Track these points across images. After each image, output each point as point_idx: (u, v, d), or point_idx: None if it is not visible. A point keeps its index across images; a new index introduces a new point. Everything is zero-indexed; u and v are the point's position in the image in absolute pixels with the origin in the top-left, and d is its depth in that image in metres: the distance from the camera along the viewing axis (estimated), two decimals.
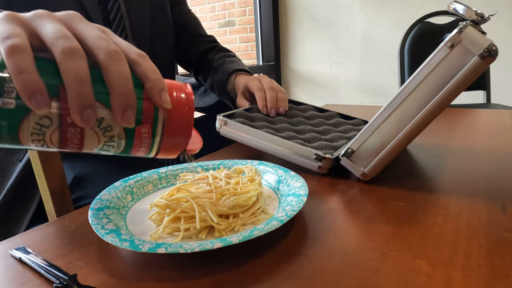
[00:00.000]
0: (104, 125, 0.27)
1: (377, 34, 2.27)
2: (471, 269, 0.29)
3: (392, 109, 0.46)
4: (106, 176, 0.66)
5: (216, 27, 3.21)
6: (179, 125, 0.29)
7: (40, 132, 0.26)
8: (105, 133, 0.28)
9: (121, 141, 0.29)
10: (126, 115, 0.26)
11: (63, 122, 0.26)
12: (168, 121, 0.29)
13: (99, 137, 0.28)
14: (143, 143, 0.29)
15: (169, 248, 0.31)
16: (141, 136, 0.29)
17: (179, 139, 0.30)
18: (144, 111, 0.28)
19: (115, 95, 0.26)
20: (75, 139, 0.27)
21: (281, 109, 0.70)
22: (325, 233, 0.36)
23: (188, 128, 0.30)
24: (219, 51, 0.93)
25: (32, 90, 0.24)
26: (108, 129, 0.28)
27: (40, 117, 0.25)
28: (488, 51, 0.40)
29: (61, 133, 0.26)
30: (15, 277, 0.32)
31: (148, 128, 0.28)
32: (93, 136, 0.28)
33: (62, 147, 0.28)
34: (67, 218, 0.43)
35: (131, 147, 0.29)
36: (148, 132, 0.29)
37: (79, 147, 0.28)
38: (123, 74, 0.26)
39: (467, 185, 0.46)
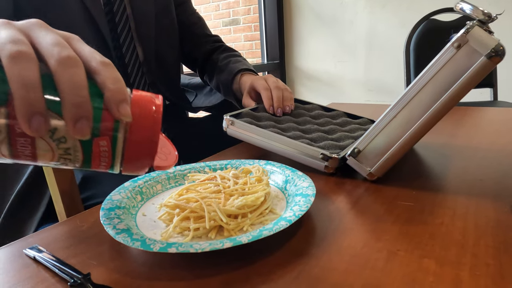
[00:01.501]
0: (58, 136, 0.26)
1: (382, 31, 2.26)
2: (479, 268, 0.30)
3: (399, 109, 0.46)
4: (113, 176, 0.66)
5: (221, 25, 3.22)
6: (142, 140, 0.27)
7: None
8: (59, 145, 0.26)
9: (77, 154, 0.27)
10: (78, 126, 0.25)
11: (11, 132, 0.25)
12: (130, 135, 0.27)
13: (53, 149, 0.26)
14: (102, 158, 0.27)
15: (180, 248, 0.31)
16: (100, 150, 0.27)
17: (143, 154, 0.28)
18: (102, 123, 0.26)
19: (66, 104, 0.25)
20: (26, 150, 0.25)
21: (287, 109, 0.70)
22: (332, 233, 0.37)
23: (152, 143, 0.28)
24: (224, 51, 0.93)
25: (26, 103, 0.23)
26: (62, 140, 0.26)
27: None
28: (495, 51, 0.40)
29: (11, 143, 0.25)
30: (30, 276, 0.33)
31: (107, 141, 0.26)
32: (46, 148, 0.26)
33: (15, 158, 0.26)
34: (78, 218, 0.43)
35: (90, 162, 0.27)
36: (107, 145, 0.27)
37: (33, 159, 0.26)
38: (75, 82, 0.25)
39: (474, 184, 0.47)
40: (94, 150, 0.27)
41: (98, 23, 0.69)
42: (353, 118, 0.73)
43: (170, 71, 0.88)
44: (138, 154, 0.28)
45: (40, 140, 0.25)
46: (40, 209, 0.64)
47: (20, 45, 0.24)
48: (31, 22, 0.27)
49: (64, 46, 0.25)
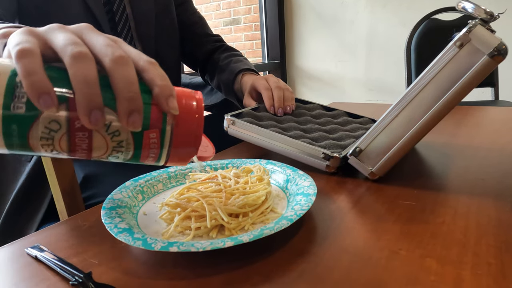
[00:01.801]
0: (112, 130, 0.28)
1: (383, 31, 2.25)
2: (480, 268, 0.29)
3: (401, 108, 0.46)
4: (115, 175, 0.66)
5: (221, 25, 3.22)
6: (188, 131, 0.29)
7: (49, 137, 0.27)
8: (113, 138, 0.28)
9: (129, 146, 0.29)
10: (131, 119, 0.27)
11: (71, 127, 0.27)
12: (177, 127, 0.29)
13: (107, 142, 0.28)
14: (151, 149, 0.29)
15: (181, 247, 0.31)
16: (150, 142, 0.29)
17: (188, 145, 0.30)
18: (152, 117, 0.28)
19: (120, 99, 0.27)
20: (83, 144, 0.27)
21: (288, 108, 0.70)
22: (334, 232, 0.37)
23: (197, 135, 0.30)
24: (225, 51, 0.93)
25: (40, 90, 0.25)
26: (116, 134, 0.28)
27: (49, 121, 0.26)
28: (497, 50, 0.40)
29: (70, 137, 0.27)
30: (32, 275, 0.33)
31: (156, 133, 0.28)
32: (102, 141, 0.28)
33: (71, 153, 0.28)
34: (79, 217, 0.44)
35: (140, 154, 0.29)
36: (156, 137, 0.29)
37: (88, 153, 0.28)
38: (128, 79, 0.27)
39: (475, 184, 0.46)
40: (144, 142, 0.29)
41: (100, 22, 0.69)
42: (354, 117, 0.73)
43: (170, 70, 0.88)
44: (184, 144, 0.30)
45: (96, 134, 0.27)
46: (41, 209, 0.65)
47: (80, 46, 0.27)
48: (81, 25, 0.29)
49: (115, 47, 0.28)
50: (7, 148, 0.27)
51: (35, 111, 0.26)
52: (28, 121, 0.26)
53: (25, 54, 0.25)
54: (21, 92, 0.25)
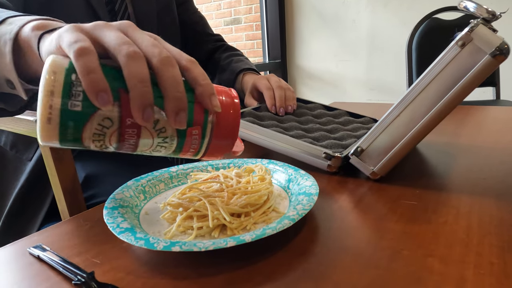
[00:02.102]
0: (159, 126, 0.29)
1: (384, 30, 2.25)
2: (483, 267, 0.29)
3: (402, 107, 0.46)
4: (116, 175, 0.67)
5: (222, 25, 3.21)
6: (227, 127, 0.31)
7: (101, 133, 0.28)
8: (159, 134, 0.30)
9: (173, 142, 0.30)
10: (178, 118, 0.28)
11: (122, 124, 0.28)
12: (217, 123, 0.31)
13: (153, 138, 0.30)
14: (192, 144, 0.31)
15: (184, 247, 0.31)
16: (192, 138, 0.31)
17: (226, 141, 0.32)
18: (195, 114, 0.30)
19: (169, 98, 0.28)
20: (132, 139, 0.29)
21: (290, 108, 0.70)
22: (336, 232, 0.37)
23: (234, 131, 0.32)
24: (226, 50, 0.93)
25: (98, 89, 0.26)
26: (163, 130, 0.30)
27: (102, 119, 0.27)
28: (499, 50, 0.40)
29: (120, 134, 0.28)
30: (34, 274, 0.33)
31: (199, 129, 0.30)
32: (149, 137, 0.29)
33: (119, 148, 0.30)
34: (82, 217, 0.44)
35: (182, 148, 0.31)
36: (198, 133, 0.30)
37: (134, 148, 0.30)
38: (176, 79, 0.28)
39: (477, 183, 0.46)
40: (187, 138, 0.30)
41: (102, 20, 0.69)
42: (356, 117, 0.73)
43: None
44: (223, 139, 0.32)
45: (145, 130, 0.29)
46: (43, 208, 0.65)
47: (133, 46, 0.28)
48: (124, 23, 0.31)
49: (160, 47, 0.29)
50: (59, 143, 0.28)
51: (91, 108, 0.27)
52: (84, 118, 0.27)
53: (84, 53, 0.26)
54: (78, 91, 0.27)
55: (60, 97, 0.26)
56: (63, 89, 0.26)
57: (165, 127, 0.29)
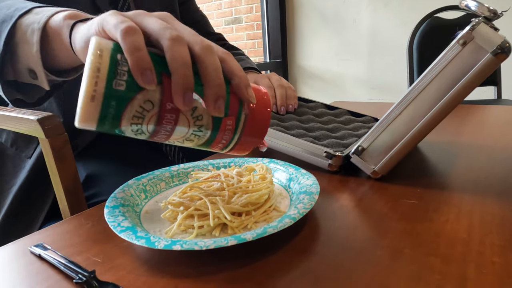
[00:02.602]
0: (196, 114, 0.29)
1: (385, 29, 2.25)
2: (485, 266, 0.29)
3: (403, 106, 0.46)
4: (117, 174, 0.67)
5: (223, 24, 3.21)
6: (259, 121, 0.32)
7: (141, 116, 0.28)
8: (196, 122, 0.30)
9: (207, 131, 0.31)
10: (218, 104, 0.29)
11: (162, 108, 0.28)
12: (250, 117, 0.31)
13: (190, 125, 0.30)
14: (225, 136, 0.31)
15: (185, 245, 0.31)
16: (225, 128, 0.31)
17: (256, 135, 0.32)
18: (230, 105, 0.30)
19: (210, 84, 0.28)
20: (169, 125, 0.29)
21: (291, 107, 0.70)
22: (337, 231, 0.37)
23: (265, 125, 0.32)
24: (227, 49, 0.93)
25: (144, 67, 0.27)
26: (199, 118, 0.30)
27: (144, 101, 0.28)
28: (501, 48, 0.40)
29: (159, 117, 0.29)
30: (35, 273, 0.33)
31: (233, 120, 0.31)
32: (185, 124, 0.30)
33: (155, 133, 0.30)
34: (83, 216, 0.44)
35: (214, 139, 0.31)
36: (232, 124, 0.31)
37: (169, 135, 0.30)
38: (217, 67, 0.29)
39: (479, 182, 0.46)
40: (221, 128, 0.31)
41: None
42: (357, 116, 0.73)
43: None
44: (254, 133, 0.32)
45: (182, 116, 0.29)
46: (45, 208, 0.65)
47: (177, 31, 0.29)
48: (164, 14, 0.32)
49: (199, 36, 0.30)
50: (98, 123, 0.28)
51: (135, 88, 0.27)
52: (127, 98, 0.27)
53: (132, 32, 0.27)
54: (123, 70, 0.27)
55: (106, 75, 0.26)
56: (109, 66, 0.26)
57: (202, 115, 0.30)
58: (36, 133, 0.56)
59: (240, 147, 0.33)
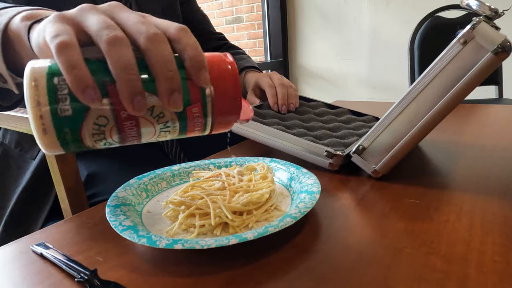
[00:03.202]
0: (156, 112, 0.28)
1: (386, 29, 2.24)
2: (486, 266, 0.29)
3: (404, 105, 0.46)
4: (118, 173, 0.67)
5: (224, 23, 3.21)
6: (228, 97, 0.29)
7: (99, 132, 0.27)
8: (158, 120, 0.28)
9: (175, 125, 0.29)
10: (172, 99, 0.26)
11: (118, 118, 0.27)
12: (217, 96, 0.29)
13: (154, 125, 0.28)
14: (196, 123, 0.29)
15: (186, 244, 0.31)
16: (194, 117, 0.29)
17: (230, 110, 0.30)
18: (191, 91, 0.28)
19: (159, 79, 0.26)
20: (132, 131, 0.28)
21: (292, 106, 0.70)
22: (338, 230, 0.37)
23: (236, 98, 0.29)
24: (229, 49, 0.93)
25: (84, 85, 0.24)
26: (161, 115, 0.28)
27: (96, 117, 0.26)
28: (502, 47, 0.40)
29: (119, 128, 0.27)
30: (37, 272, 0.33)
31: (198, 107, 0.28)
32: (149, 125, 0.28)
33: (123, 141, 0.29)
34: (84, 215, 0.44)
35: (186, 129, 0.30)
36: (199, 111, 0.29)
37: (138, 138, 0.29)
38: (165, 57, 0.26)
39: (480, 182, 0.46)
40: (188, 118, 0.29)
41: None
42: (358, 115, 0.73)
43: None
44: (227, 110, 0.30)
45: (142, 120, 0.27)
46: (46, 207, 0.65)
47: (115, 30, 0.26)
48: (112, 4, 0.29)
49: (148, 24, 0.27)
50: (63, 150, 0.27)
51: (81, 109, 0.26)
52: (77, 122, 0.26)
53: (64, 47, 0.25)
54: (63, 94, 0.25)
55: (48, 106, 0.25)
56: (48, 96, 0.25)
57: (162, 112, 0.28)
58: None
59: (220, 126, 0.31)
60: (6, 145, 0.70)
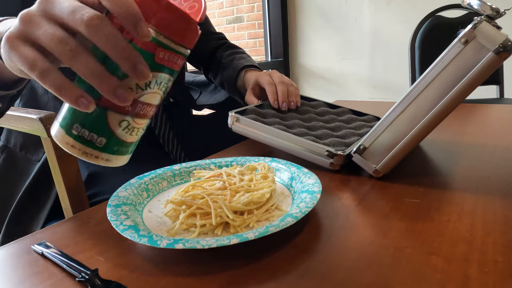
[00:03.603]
0: (145, 84, 0.29)
1: (387, 28, 2.24)
2: (487, 266, 0.29)
3: (405, 105, 0.46)
4: (119, 173, 0.67)
5: (224, 23, 3.21)
6: (175, 23, 0.29)
7: (130, 129, 0.30)
8: (154, 87, 0.30)
9: (163, 76, 0.30)
10: (139, 72, 0.27)
11: (128, 110, 0.29)
12: (165, 29, 0.28)
13: (157, 93, 0.30)
14: (173, 60, 0.30)
15: (187, 244, 0.31)
16: (165, 58, 0.29)
17: (182, 27, 0.29)
18: (146, 48, 0.28)
19: (118, 61, 0.27)
20: (149, 110, 0.31)
21: (293, 104, 0.69)
22: (339, 230, 0.37)
23: (180, 17, 0.29)
24: (228, 48, 0.93)
25: (76, 96, 0.27)
26: (149, 83, 0.29)
27: (119, 122, 0.29)
28: (503, 47, 0.40)
29: (137, 115, 0.30)
30: (38, 271, 0.33)
31: (161, 50, 0.29)
32: (153, 97, 0.30)
33: (148, 120, 0.32)
34: (85, 214, 0.44)
35: (172, 70, 0.31)
36: (164, 52, 0.29)
37: (156, 108, 0.32)
38: (109, 38, 0.26)
39: (481, 182, 0.46)
40: (165, 65, 0.29)
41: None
42: (359, 115, 0.72)
43: None
44: (179, 31, 0.29)
45: (145, 97, 0.30)
46: (47, 206, 0.65)
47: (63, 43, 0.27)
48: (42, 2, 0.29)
49: (80, 9, 0.27)
50: (127, 155, 0.32)
51: (104, 130, 0.29)
52: (108, 136, 0.29)
53: (44, 76, 0.27)
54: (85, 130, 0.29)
55: (86, 146, 0.29)
56: (81, 143, 0.29)
57: (149, 81, 0.29)
58: (38, 132, 0.57)
59: (186, 40, 0.30)
60: (11, 148, 0.70)
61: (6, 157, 0.71)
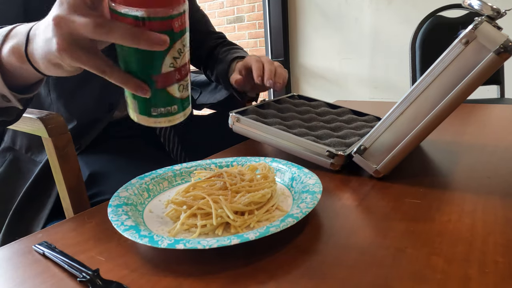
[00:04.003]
0: (176, 54, 0.34)
1: (387, 28, 2.24)
2: (487, 266, 0.29)
3: (406, 106, 0.46)
4: (120, 173, 0.67)
5: (225, 23, 3.21)
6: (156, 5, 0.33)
7: (185, 88, 0.37)
8: (180, 53, 0.35)
9: (185, 44, 0.35)
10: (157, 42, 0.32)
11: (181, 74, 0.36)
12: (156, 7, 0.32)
13: (185, 53, 0.36)
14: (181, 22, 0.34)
15: (188, 244, 0.31)
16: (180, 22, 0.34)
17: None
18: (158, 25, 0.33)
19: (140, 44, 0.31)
20: (187, 66, 0.37)
21: (278, 85, 0.67)
22: (339, 230, 0.37)
23: None
24: (226, 45, 0.92)
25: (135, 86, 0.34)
26: (179, 50, 0.35)
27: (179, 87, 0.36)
28: (504, 47, 0.40)
29: (184, 76, 0.36)
30: (39, 271, 0.33)
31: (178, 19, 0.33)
32: (185, 57, 0.36)
33: (189, 73, 0.38)
34: (86, 214, 0.44)
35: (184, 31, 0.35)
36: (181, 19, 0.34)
37: (188, 73, 0.37)
38: (124, 34, 0.31)
39: (481, 182, 0.46)
40: (181, 27, 0.34)
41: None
42: (359, 115, 0.72)
43: None
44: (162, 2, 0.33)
45: (182, 60, 0.35)
46: (47, 206, 0.65)
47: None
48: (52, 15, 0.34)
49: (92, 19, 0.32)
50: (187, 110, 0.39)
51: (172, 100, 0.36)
52: (176, 102, 0.37)
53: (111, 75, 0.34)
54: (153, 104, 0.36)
55: (164, 117, 0.37)
56: (160, 118, 0.37)
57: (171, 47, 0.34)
58: (39, 132, 0.57)
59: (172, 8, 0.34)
60: (17, 150, 0.70)
61: (12, 159, 0.71)
